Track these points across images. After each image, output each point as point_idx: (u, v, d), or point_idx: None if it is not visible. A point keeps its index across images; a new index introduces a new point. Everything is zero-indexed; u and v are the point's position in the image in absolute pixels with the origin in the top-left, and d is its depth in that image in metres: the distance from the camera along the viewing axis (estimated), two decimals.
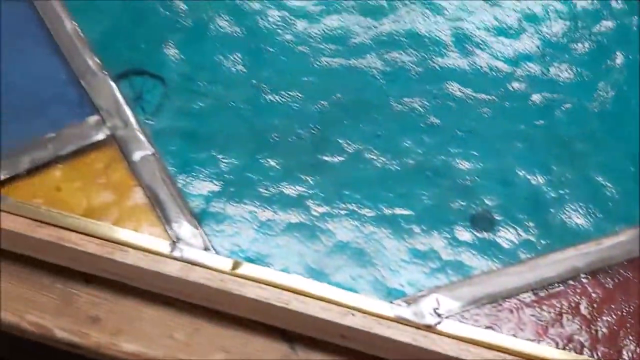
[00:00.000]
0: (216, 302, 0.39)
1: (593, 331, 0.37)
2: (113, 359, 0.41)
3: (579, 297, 0.38)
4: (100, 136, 0.42)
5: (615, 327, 0.37)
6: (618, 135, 0.42)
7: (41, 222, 0.39)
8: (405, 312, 0.37)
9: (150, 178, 0.41)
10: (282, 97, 0.43)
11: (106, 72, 0.43)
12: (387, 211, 0.40)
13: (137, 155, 0.41)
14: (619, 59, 0.44)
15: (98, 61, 0.43)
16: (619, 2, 0.46)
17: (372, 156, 0.41)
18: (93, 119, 0.42)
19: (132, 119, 0.42)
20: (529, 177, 0.41)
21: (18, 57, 0.43)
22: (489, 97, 0.43)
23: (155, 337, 0.40)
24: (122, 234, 0.39)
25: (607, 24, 0.45)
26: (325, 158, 0.41)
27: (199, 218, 0.40)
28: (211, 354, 0.39)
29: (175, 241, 0.39)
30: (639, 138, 0.42)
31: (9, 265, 0.41)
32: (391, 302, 0.37)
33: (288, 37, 0.45)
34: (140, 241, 0.38)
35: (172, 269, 0.38)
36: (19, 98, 0.42)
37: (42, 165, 0.41)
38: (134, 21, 0.45)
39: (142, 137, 0.42)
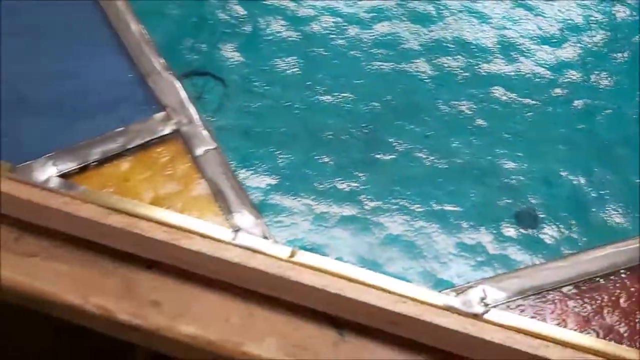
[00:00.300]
0: (271, 288, 0.41)
1: (632, 323, 0.38)
2: (171, 341, 0.43)
3: (618, 291, 0.39)
4: (166, 131, 0.44)
5: None
6: None
7: (112, 209, 0.41)
8: (454, 301, 0.39)
9: (213, 171, 0.43)
10: (336, 98, 0.45)
11: (171, 73, 0.45)
12: (437, 207, 0.41)
13: (200, 150, 0.43)
14: None
15: (163, 62, 0.45)
16: None
17: (421, 155, 0.43)
18: (159, 115, 0.44)
19: (195, 116, 0.44)
20: (571, 177, 0.42)
21: (89, 57, 0.45)
22: (532, 101, 0.45)
23: (211, 320, 0.42)
24: (188, 222, 0.40)
25: None
26: (377, 156, 0.43)
27: (258, 209, 0.41)
28: (264, 338, 0.41)
29: (236, 230, 0.41)
30: None
31: (76, 251, 0.43)
32: (440, 292, 0.39)
33: (341, 42, 0.47)
34: (205, 229, 0.40)
35: (234, 255, 0.40)
36: (90, 95, 0.44)
37: (112, 157, 0.43)
38: (196, 25, 0.47)
39: (205, 133, 0.44)
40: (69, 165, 0.42)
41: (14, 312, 0.51)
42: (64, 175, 0.42)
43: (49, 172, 0.42)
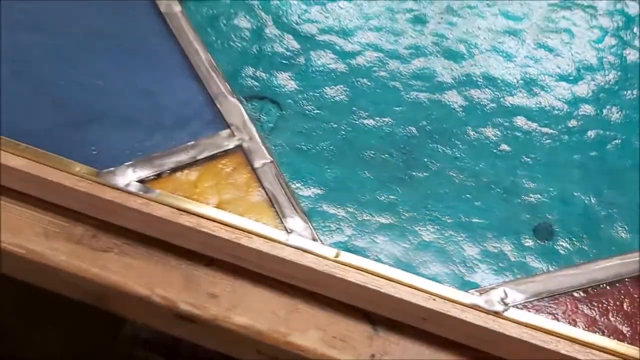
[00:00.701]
0: (315, 285, 0.45)
1: (634, 324, 0.42)
2: (227, 329, 0.47)
3: (622, 297, 0.43)
4: (230, 146, 0.49)
5: None
6: None
7: (183, 211, 0.46)
8: (478, 300, 0.43)
9: (269, 181, 0.48)
10: (377, 122, 0.50)
11: (235, 96, 0.50)
12: (464, 219, 0.46)
13: (258, 163, 0.48)
14: None
15: (229, 87, 0.51)
16: None
17: (452, 174, 0.47)
18: (225, 132, 0.49)
19: (255, 134, 0.49)
20: (583, 197, 0.47)
21: (166, 79, 0.50)
22: (551, 130, 0.49)
23: (261, 312, 0.46)
24: (248, 224, 0.45)
25: None
26: (413, 173, 0.47)
27: (308, 215, 0.46)
28: (307, 329, 0.45)
29: (289, 232, 0.46)
30: None
31: (144, 248, 0.48)
32: (466, 292, 0.43)
33: (382, 73, 0.52)
34: (262, 230, 0.45)
35: (287, 254, 0.45)
36: (166, 113, 0.50)
37: (184, 166, 0.48)
38: (257, 56, 0.52)
39: (263, 148, 0.49)
40: (147, 172, 0.47)
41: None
42: (142, 181, 0.47)
43: (129, 177, 0.47)
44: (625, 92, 0.50)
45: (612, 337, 0.41)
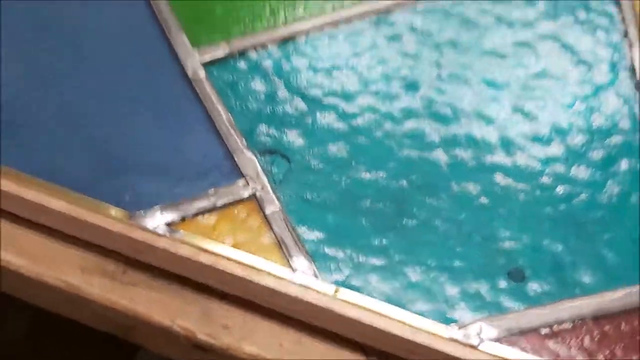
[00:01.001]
0: (317, 319, 0.50)
1: (592, 357, 0.47)
2: (238, 358, 0.51)
3: (583, 334, 0.48)
4: (245, 195, 0.54)
5: (609, 358, 0.48)
6: (620, 220, 0.53)
7: (203, 250, 0.51)
8: (457, 334, 0.48)
9: (278, 226, 0.53)
10: (373, 176, 0.55)
11: (250, 151, 0.56)
12: (447, 263, 0.51)
13: (269, 210, 0.54)
14: (624, 164, 0.55)
15: (245, 143, 0.56)
16: (627, 122, 0.58)
17: (437, 223, 0.53)
18: (241, 182, 0.55)
19: (267, 184, 0.54)
20: (552, 246, 0.52)
21: (192, 137, 0.56)
22: (525, 185, 0.54)
23: (269, 343, 0.51)
24: (259, 262, 0.51)
25: (617, 139, 0.56)
26: (403, 221, 0.53)
27: (311, 256, 0.51)
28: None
29: (294, 270, 0.51)
30: (637, 224, 0.53)
31: (166, 283, 0.53)
32: (447, 326, 0.48)
33: (379, 133, 0.57)
34: (271, 269, 0.50)
35: (292, 290, 0.50)
36: (191, 166, 0.55)
37: (204, 211, 0.54)
38: (269, 116, 0.57)
39: (273, 197, 0.54)
40: (173, 216, 0.53)
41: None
42: (168, 224, 0.53)
43: (157, 220, 0.53)
44: (591, 153, 0.56)
45: None
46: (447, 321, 0.49)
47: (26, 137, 0.58)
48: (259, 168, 0.56)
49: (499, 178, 0.55)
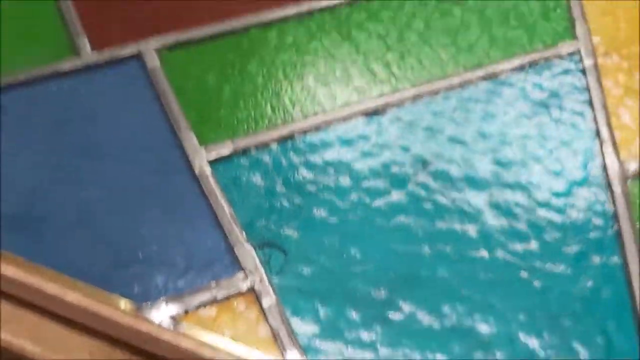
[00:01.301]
0: None
1: None
2: None
3: None
4: (244, 288, 0.58)
5: None
6: (593, 313, 0.57)
7: (204, 344, 0.55)
8: None
9: (274, 318, 0.56)
10: (364, 268, 0.58)
11: (250, 243, 0.60)
12: (430, 356, 0.54)
13: (266, 302, 0.57)
14: (597, 259, 0.59)
15: (245, 236, 0.60)
16: (599, 219, 0.62)
17: (420, 316, 0.56)
18: (240, 275, 0.58)
19: (264, 276, 0.58)
20: (527, 339, 0.55)
21: (196, 231, 0.60)
22: (504, 279, 0.58)
23: None
24: (256, 354, 0.54)
25: (592, 235, 0.60)
26: (389, 314, 0.57)
27: (304, 349, 0.55)
28: None
29: None
30: (607, 317, 0.57)
31: None
32: None
33: (369, 229, 0.60)
34: None
35: None
36: (194, 257, 0.59)
37: (206, 304, 0.57)
38: (268, 210, 0.61)
39: (270, 289, 0.57)
40: (177, 309, 0.56)
41: None
42: (172, 317, 0.57)
43: (162, 312, 0.57)
44: (566, 248, 0.60)
45: None
46: None
47: (45, 229, 0.62)
48: (257, 261, 0.59)
49: (479, 272, 0.59)
